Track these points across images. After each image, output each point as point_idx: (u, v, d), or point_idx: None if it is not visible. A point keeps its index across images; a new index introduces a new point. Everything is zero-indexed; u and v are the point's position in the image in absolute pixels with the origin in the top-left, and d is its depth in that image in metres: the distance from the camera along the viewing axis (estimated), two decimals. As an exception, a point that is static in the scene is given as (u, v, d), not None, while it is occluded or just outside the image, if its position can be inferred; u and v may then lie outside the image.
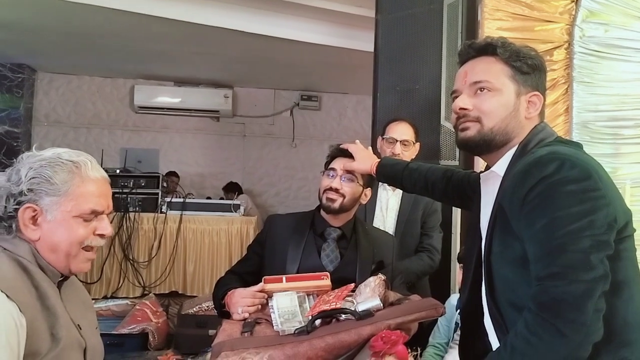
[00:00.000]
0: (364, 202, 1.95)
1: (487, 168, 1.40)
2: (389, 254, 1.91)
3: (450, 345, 2.50)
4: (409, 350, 1.34)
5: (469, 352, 1.40)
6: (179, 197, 5.22)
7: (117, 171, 5.15)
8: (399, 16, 3.24)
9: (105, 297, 4.78)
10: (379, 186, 2.61)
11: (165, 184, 5.39)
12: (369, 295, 1.50)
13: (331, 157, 1.91)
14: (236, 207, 5.22)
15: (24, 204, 1.20)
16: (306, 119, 7.79)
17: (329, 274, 1.69)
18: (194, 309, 4.51)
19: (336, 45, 4.91)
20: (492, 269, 1.26)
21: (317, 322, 1.45)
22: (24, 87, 6.70)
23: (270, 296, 1.60)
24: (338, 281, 1.67)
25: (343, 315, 1.45)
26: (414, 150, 2.68)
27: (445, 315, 2.40)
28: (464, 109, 1.32)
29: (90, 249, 1.29)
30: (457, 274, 2.93)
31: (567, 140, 1.35)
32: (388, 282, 1.61)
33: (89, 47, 5.82)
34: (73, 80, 7.18)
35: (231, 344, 1.42)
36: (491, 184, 1.34)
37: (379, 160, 1.82)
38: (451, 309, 2.41)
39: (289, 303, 1.56)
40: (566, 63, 3.45)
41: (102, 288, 4.81)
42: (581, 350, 1.07)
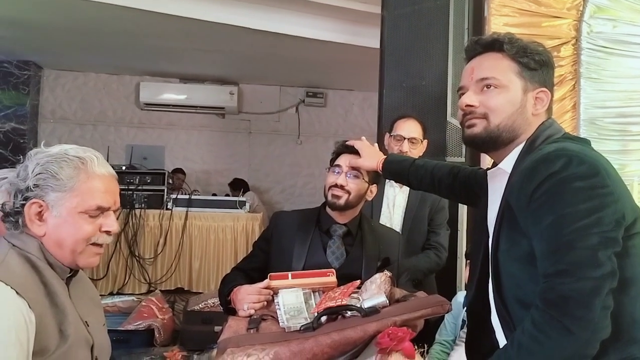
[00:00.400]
0: (370, 199, 1.94)
1: (493, 165, 1.40)
2: (395, 251, 1.91)
3: (457, 342, 2.49)
4: (415, 347, 1.33)
5: (475, 349, 1.39)
6: (185, 194, 5.25)
7: (123, 168, 5.16)
8: (405, 12, 3.22)
9: (111, 294, 4.81)
10: (386, 183, 2.59)
11: (171, 181, 5.40)
12: (374, 292, 1.50)
13: (336, 154, 1.90)
14: (242, 204, 5.22)
15: (30, 199, 1.20)
16: (312, 115, 7.78)
17: (334, 270, 1.68)
18: (200, 305, 4.51)
19: (342, 41, 4.90)
20: (499, 266, 1.25)
21: (323, 318, 1.45)
22: (30, 84, 6.73)
23: (276, 293, 1.61)
24: (344, 278, 1.66)
25: (349, 312, 1.45)
26: (421, 148, 2.64)
27: (452, 313, 2.41)
28: (471, 105, 1.31)
29: (98, 245, 1.28)
30: (464, 271, 2.93)
31: (574, 136, 1.35)
32: (394, 278, 1.61)
33: (94, 44, 5.83)
34: (79, 77, 7.21)
35: (237, 341, 1.42)
36: (498, 181, 1.33)
37: (385, 156, 1.81)
38: (458, 306, 2.41)
39: (294, 299, 1.56)
40: (573, 59, 3.43)
41: (108, 284, 4.84)
42: (588, 347, 1.07)
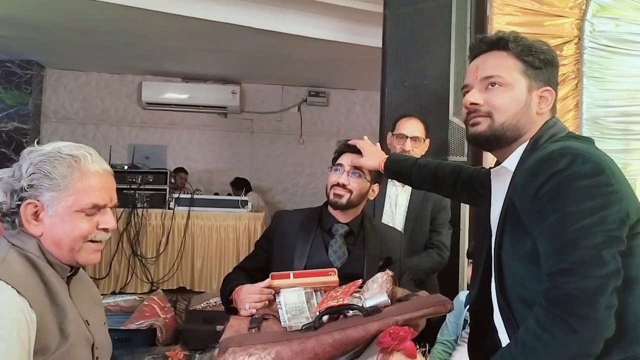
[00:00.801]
0: (372, 198, 1.94)
1: (497, 164, 1.39)
2: (397, 250, 1.90)
3: (459, 342, 2.49)
4: (417, 347, 1.33)
5: (478, 348, 1.39)
6: (187, 193, 5.24)
7: (125, 167, 5.17)
8: (407, 11, 3.22)
9: (113, 293, 4.81)
10: (388, 182, 2.59)
11: (173, 180, 5.40)
12: (376, 291, 1.50)
13: (338, 153, 1.90)
14: (244, 203, 5.22)
15: (25, 199, 1.20)
16: (314, 115, 7.78)
17: (336, 270, 1.68)
18: (202, 304, 4.52)
19: (344, 41, 4.89)
20: (502, 265, 1.25)
21: (325, 318, 1.45)
22: (32, 84, 6.73)
23: (278, 292, 1.60)
24: (345, 277, 1.66)
25: (350, 311, 1.45)
26: (424, 147, 2.62)
27: (454, 312, 2.41)
28: (475, 103, 1.31)
29: (96, 242, 1.27)
30: (466, 270, 2.92)
31: (578, 135, 1.35)
32: (396, 278, 1.60)
33: (97, 43, 5.83)
34: (81, 77, 7.22)
35: (239, 340, 1.42)
36: (502, 180, 1.33)
37: (387, 156, 1.81)
38: (460, 305, 2.41)
39: (296, 299, 1.56)
40: (576, 58, 3.42)
41: (110, 284, 4.84)
42: (593, 346, 1.06)
